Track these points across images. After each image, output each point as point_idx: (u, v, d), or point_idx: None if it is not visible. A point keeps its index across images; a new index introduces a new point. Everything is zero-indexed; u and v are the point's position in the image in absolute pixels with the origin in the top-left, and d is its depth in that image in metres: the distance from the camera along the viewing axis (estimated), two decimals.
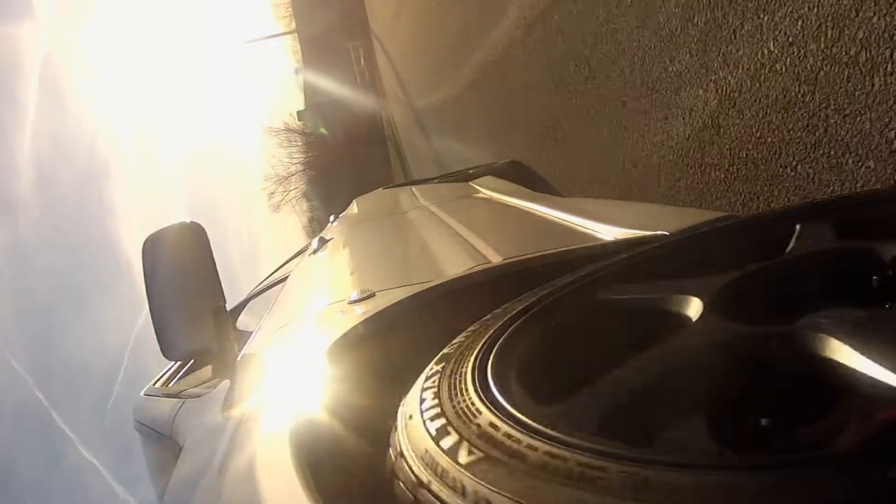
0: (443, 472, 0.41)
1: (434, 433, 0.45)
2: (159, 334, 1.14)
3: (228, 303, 1.27)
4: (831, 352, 0.43)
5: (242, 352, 1.25)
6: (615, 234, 1.16)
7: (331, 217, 3.10)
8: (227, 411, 0.90)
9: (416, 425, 0.48)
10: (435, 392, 0.51)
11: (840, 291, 0.55)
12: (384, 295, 1.00)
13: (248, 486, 0.54)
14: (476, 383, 0.49)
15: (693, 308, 0.55)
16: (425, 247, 1.60)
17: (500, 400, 0.46)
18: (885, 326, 0.45)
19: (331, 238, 2.17)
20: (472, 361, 0.53)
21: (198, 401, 1.35)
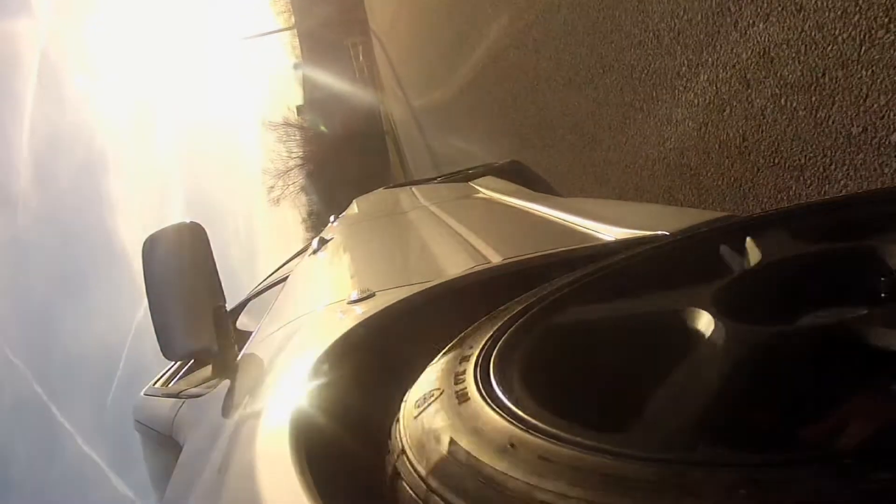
0: (444, 470, 0.41)
1: (435, 431, 0.45)
2: (159, 334, 1.13)
3: (228, 303, 1.26)
4: (829, 351, 0.43)
5: (242, 352, 1.25)
6: (615, 234, 1.16)
7: (331, 217, 3.10)
8: (227, 411, 0.90)
9: (418, 423, 0.48)
10: (437, 390, 0.51)
11: (839, 291, 0.55)
12: (384, 295, 1.00)
13: (248, 486, 0.54)
14: (478, 382, 0.49)
15: (696, 312, 0.55)
16: (425, 247, 1.60)
17: (503, 398, 0.46)
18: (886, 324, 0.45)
19: (331, 238, 2.17)
20: (475, 360, 0.53)
21: (198, 401, 1.35)
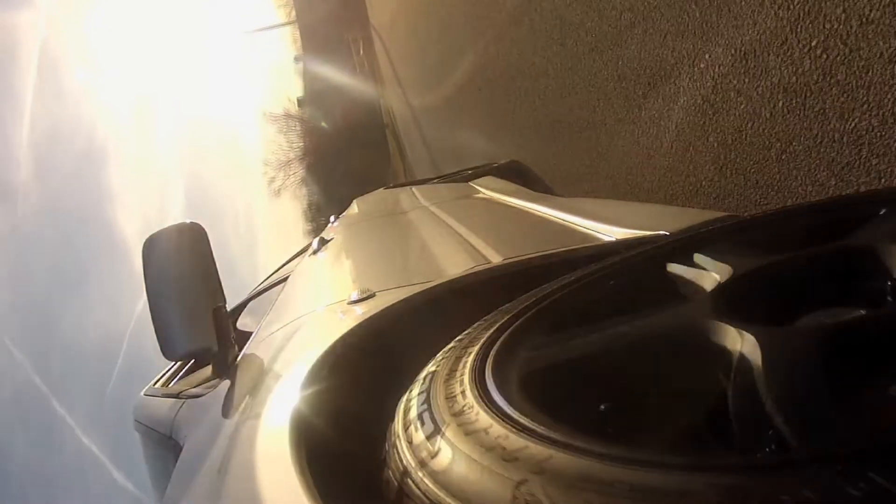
0: (434, 470, 0.41)
1: (429, 433, 0.45)
2: (159, 334, 1.13)
3: (228, 302, 1.26)
4: (828, 351, 0.43)
5: (242, 352, 1.25)
6: (615, 234, 1.16)
7: (331, 217, 3.10)
8: (227, 411, 0.90)
9: (413, 424, 0.48)
10: (434, 392, 0.51)
11: (838, 291, 0.55)
12: (384, 295, 1.00)
13: (248, 486, 0.54)
14: (475, 385, 0.49)
15: (696, 313, 0.55)
16: (425, 247, 1.60)
17: (498, 401, 0.46)
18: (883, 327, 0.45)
19: (331, 238, 2.17)
20: (471, 363, 0.53)
21: (198, 401, 1.35)
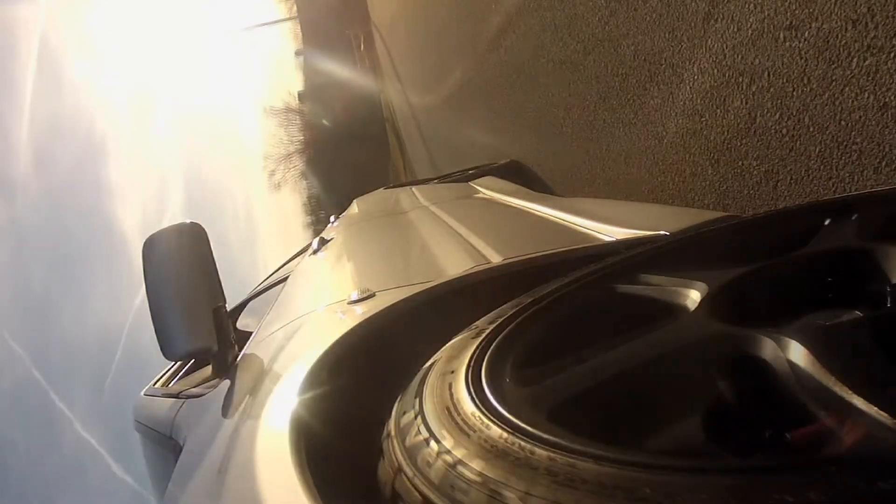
0: (430, 468, 0.41)
1: (425, 431, 0.45)
2: (159, 334, 1.14)
3: (229, 300, 1.27)
4: (823, 356, 0.43)
5: (242, 352, 1.25)
6: (615, 234, 1.16)
7: (331, 217, 3.10)
8: (227, 411, 0.90)
9: (409, 422, 0.48)
10: (428, 392, 0.51)
11: (836, 293, 0.55)
12: (384, 295, 1.00)
13: (248, 486, 0.54)
14: (469, 384, 0.49)
15: (695, 314, 0.55)
16: (425, 247, 1.60)
17: (492, 401, 0.46)
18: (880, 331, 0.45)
19: (331, 238, 2.17)
20: (468, 362, 0.53)
21: (198, 401, 1.35)
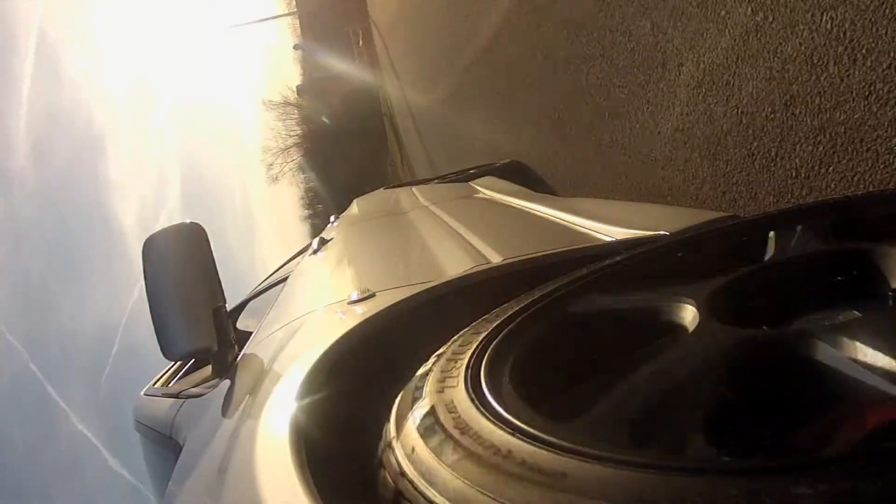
0: (428, 469, 0.41)
1: (423, 431, 0.45)
2: (159, 335, 1.14)
3: (229, 300, 1.27)
4: (823, 355, 0.43)
5: (242, 352, 1.25)
6: (615, 234, 1.16)
7: (331, 217, 3.10)
8: (227, 411, 0.90)
9: (407, 423, 0.48)
10: (427, 391, 0.51)
11: (835, 293, 0.55)
12: (384, 295, 1.00)
13: (248, 486, 0.54)
14: (468, 384, 0.49)
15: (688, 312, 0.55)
16: (425, 247, 1.60)
17: (491, 401, 0.46)
18: (879, 328, 0.45)
19: (331, 238, 2.17)
20: (466, 362, 0.53)
21: (198, 401, 1.35)
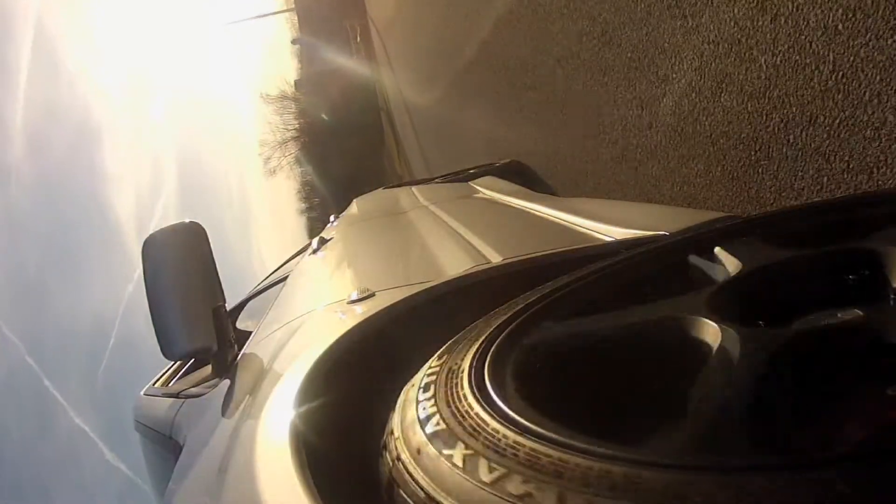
0: (432, 469, 0.41)
1: (428, 431, 0.45)
2: (159, 334, 1.14)
3: (228, 299, 1.27)
4: (827, 353, 0.43)
5: (242, 352, 1.25)
6: (615, 234, 1.16)
7: (331, 217, 3.10)
8: (227, 411, 0.90)
9: (412, 422, 0.48)
10: (431, 391, 0.51)
11: (836, 293, 0.55)
12: (384, 295, 1.00)
13: (248, 486, 0.54)
14: (472, 383, 0.49)
15: (694, 316, 0.55)
16: (425, 247, 1.60)
17: (496, 399, 0.46)
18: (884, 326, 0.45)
19: (330, 238, 2.17)
20: (470, 361, 0.53)
21: (198, 401, 1.35)
